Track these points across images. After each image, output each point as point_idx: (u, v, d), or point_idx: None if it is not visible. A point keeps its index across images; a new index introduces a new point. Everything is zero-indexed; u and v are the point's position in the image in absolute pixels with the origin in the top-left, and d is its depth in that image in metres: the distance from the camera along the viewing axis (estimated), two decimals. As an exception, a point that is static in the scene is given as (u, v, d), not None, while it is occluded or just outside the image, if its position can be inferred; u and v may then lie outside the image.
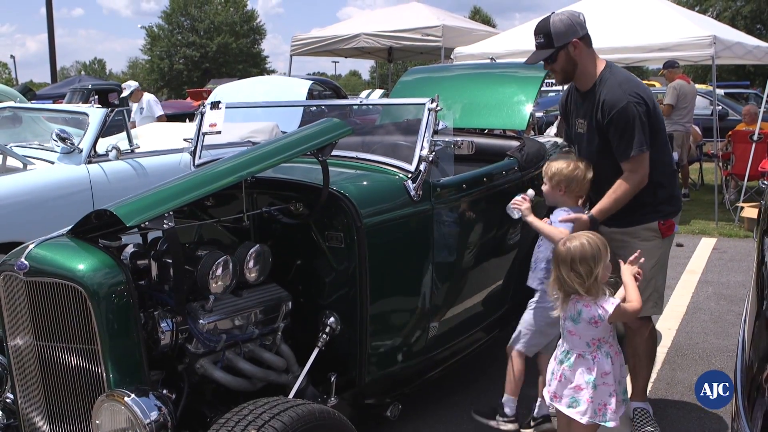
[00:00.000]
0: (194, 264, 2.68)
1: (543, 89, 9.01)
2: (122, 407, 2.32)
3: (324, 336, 2.97)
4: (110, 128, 5.96)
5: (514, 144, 4.34)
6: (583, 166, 3.34)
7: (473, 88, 4.72)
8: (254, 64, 51.96)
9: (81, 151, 5.42)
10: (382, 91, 15.65)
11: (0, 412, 2.89)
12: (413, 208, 3.19)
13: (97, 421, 2.37)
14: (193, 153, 3.87)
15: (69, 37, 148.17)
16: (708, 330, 4.99)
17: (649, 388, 3.70)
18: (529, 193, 3.47)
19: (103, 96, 14.04)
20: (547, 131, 9.41)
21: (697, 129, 10.62)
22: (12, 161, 5.44)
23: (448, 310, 3.51)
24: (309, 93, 8.03)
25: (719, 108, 11.90)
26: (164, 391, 2.54)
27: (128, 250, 2.80)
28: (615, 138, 3.24)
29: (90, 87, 14.82)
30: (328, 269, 3.09)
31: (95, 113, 5.69)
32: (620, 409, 2.85)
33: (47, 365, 2.57)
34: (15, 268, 2.53)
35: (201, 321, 2.69)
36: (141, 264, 2.78)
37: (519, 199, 3.42)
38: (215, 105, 3.85)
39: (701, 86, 15.26)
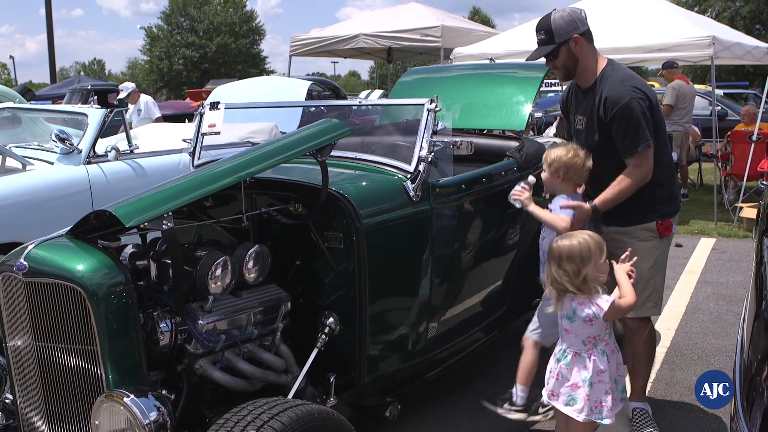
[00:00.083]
0: (193, 264, 2.68)
1: (542, 89, 9.00)
2: (121, 408, 2.32)
3: (323, 336, 2.97)
4: (109, 129, 5.96)
5: (514, 144, 4.34)
6: (583, 154, 3.32)
7: (472, 89, 4.72)
8: (253, 65, 51.98)
9: (80, 152, 5.43)
10: (382, 92, 15.67)
11: (0, 413, 2.90)
12: (412, 209, 3.19)
13: (97, 422, 2.37)
14: (193, 153, 3.87)
15: (68, 38, 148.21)
16: (707, 330, 4.99)
17: (648, 389, 3.70)
18: (530, 180, 3.46)
19: (103, 96, 14.02)
20: (546, 131, 9.40)
21: (696, 129, 10.62)
22: (11, 162, 5.44)
23: (448, 311, 3.51)
24: (308, 93, 8.03)
25: (718, 108, 11.90)
26: (163, 392, 2.54)
27: (127, 251, 2.80)
28: (619, 134, 3.23)
29: (89, 87, 14.78)
30: (328, 270, 3.10)
31: (94, 114, 5.69)
32: (616, 407, 2.87)
33: (46, 366, 2.57)
34: (14, 269, 2.54)
35: (200, 321, 2.69)
36: (140, 264, 2.77)
37: (519, 189, 3.42)
38: (214, 105, 3.86)
39: (700, 86, 15.29)
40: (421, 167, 3.19)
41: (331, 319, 3.00)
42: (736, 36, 10.25)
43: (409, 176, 3.20)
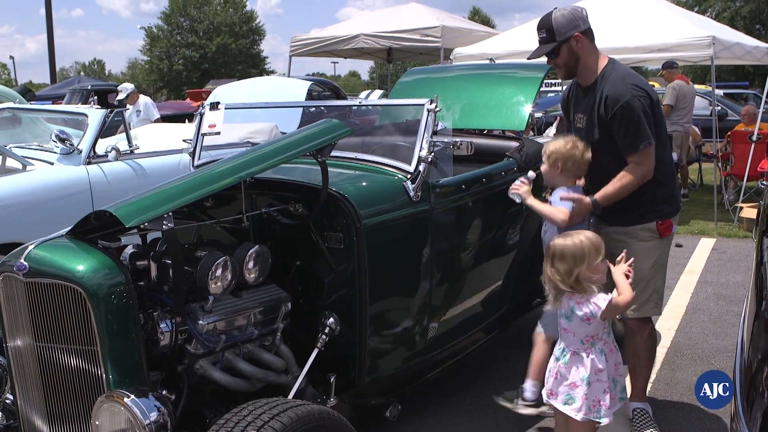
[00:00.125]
0: (194, 265, 2.68)
1: (542, 90, 9.01)
2: (122, 408, 2.32)
3: (323, 337, 2.97)
4: (109, 129, 5.96)
5: (514, 145, 4.34)
6: (582, 146, 3.31)
7: (472, 89, 4.72)
8: (253, 65, 51.98)
9: (80, 152, 5.43)
10: (382, 92, 15.66)
11: (0, 413, 2.89)
12: (412, 209, 3.19)
13: (97, 422, 2.37)
14: (193, 154, 3.88)
15: (68, 38, 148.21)
16: (707, 330, 4.99)
17: (649, 389, 3.70)
18: (530, 175, 3.46)
19: (103, 97, 14.02)
20: (547, 132, 9.37)
21: (697, 129, 10.62)
22: (11, 162, 5.44)
23: (448, 311, 3.51)
24: (308, 94, 8.03)
25: (718, 108, 11.90)
26: (164, 392, 2.54)
27: (128, 251, 2.80)
28: (620, 132, 3.22)
29: (89, 88, 14.79)
30: (328, 270, 3.10)
31: (94, 114, 5.69)
32: (614, 406, 2.87)
33: (47, 366, 2.57)
34: (14, 269, 2.54)
35: (200, 322, 2.69)
36: (140, 265, 2.77)
37: (518, 183, 3.42)
38: (214, 106, 3.86)
39: (700, 87, 15.29)
40: (421, 167, 3.19)
41: (332, 320, 3.01)
42: (736, 36, 10.25)
43: (409, 176, 3.20)
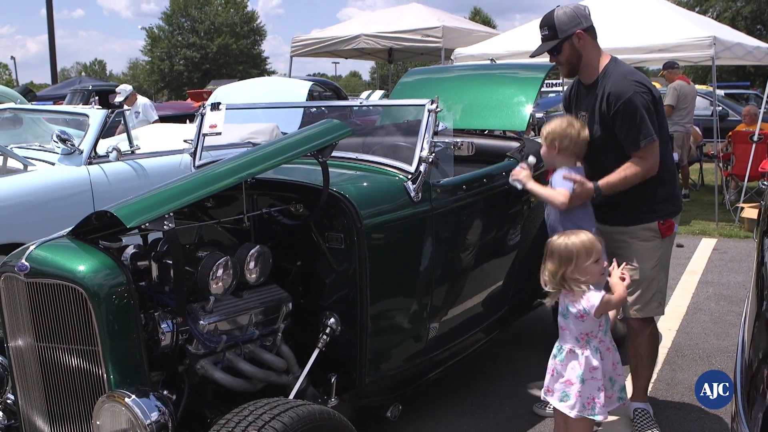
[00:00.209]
0: (195, 265, 2.68)
1: (543, 90, 9.01)
2: (123, 408, 2.32)
3: (324, 337, 2.97)
4: (110, 129, 5.96)
5: (514, 145, 4.35)
6: (578, 125, 3.29)
7: (473, 89, 4.72)
8: (254, 65, 52.01)
9: (81, 153, 5.43)
10: (383, 92, 15.69)
11: (1, 413, 2.89)
12: (413, 209, 3.19)
13: (98, 422, 2.37)
14: (194, 154, 3.88)
15: (69, 38, 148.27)
16: (708, 330, 4.99)
17: (649, 389, 3.70)
18: (530, 161, 3.45)
19: (104, 97, 14.04)
20: (547, 132, 9.40)
21: (698, 129, 10.62)
22: (12, 162, 5.45)
23: (448, 311, 3.51)
24: (309, 94, 8.02)
25: (719, 109, 11.90)
26: (165, 392, 2.54)
27: (129, 251, 2.80)
28: (623, 129, 3.22)
29: (90, 88, 14.82)
30: (329, 270, 3.10)
31: (95, 114, 5.69)
32: (610, 405, 2.89)
33: (48, 366, 2.57)
34: (16, 270, 2.54)
35: (201, 322, 2.70)
36: (141, 265, 2.78)
37: (517, 169, 3.42)
38: (215, 106, 3.86)
39: (701, 87, 15.27)
40: (422, 168, 3.19)
41: (332, 320, 3.01)
42: (737, 36, 10.25)
43: (410, 177, 3.20)
